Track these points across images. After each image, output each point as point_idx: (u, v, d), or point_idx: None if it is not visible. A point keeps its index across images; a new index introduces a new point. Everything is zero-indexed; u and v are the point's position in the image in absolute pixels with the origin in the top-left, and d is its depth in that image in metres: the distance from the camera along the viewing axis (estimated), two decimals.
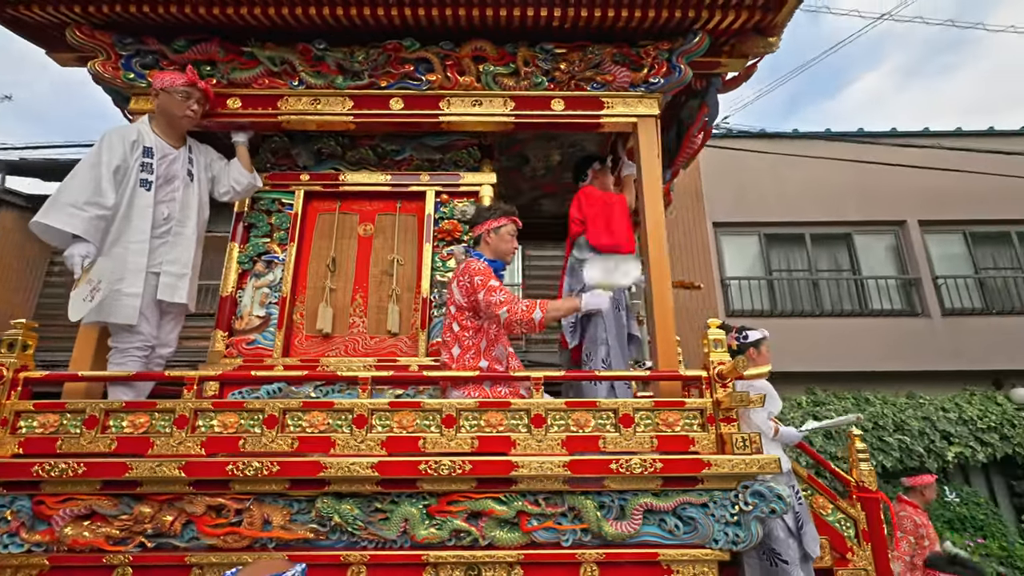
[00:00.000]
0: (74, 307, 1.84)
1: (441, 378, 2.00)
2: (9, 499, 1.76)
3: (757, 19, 2.30)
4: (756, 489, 1.75)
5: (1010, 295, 7.73)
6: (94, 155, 2.01)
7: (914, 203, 7.87)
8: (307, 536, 1.77)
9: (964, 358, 7.17)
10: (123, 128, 2.15)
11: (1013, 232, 8.00)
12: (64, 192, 1.92)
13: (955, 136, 8.11)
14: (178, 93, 2.16)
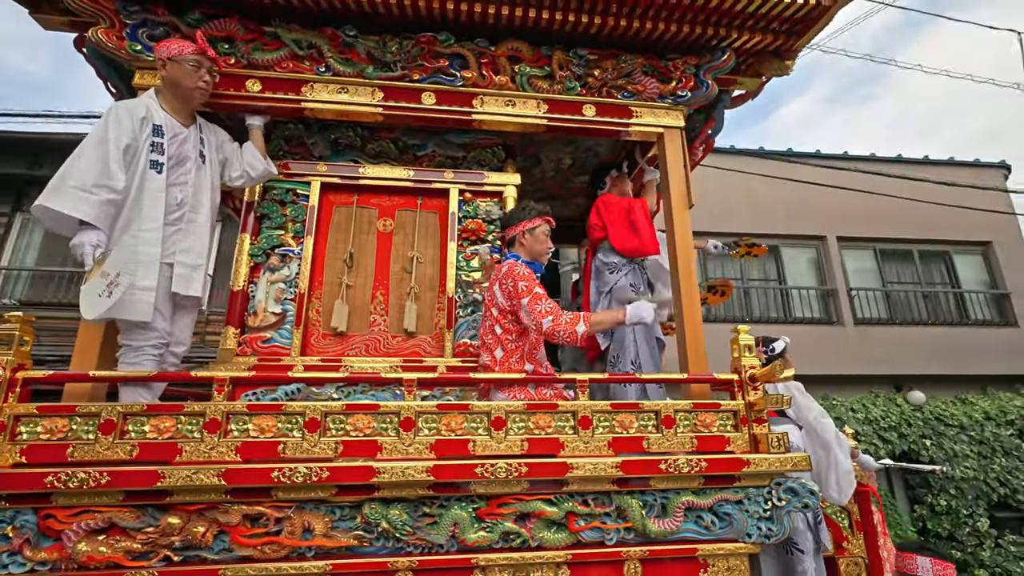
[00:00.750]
0: (89, 303, 1.66)
1: (488, 380, 1.98)
2: (11, 514, 1.57)
3: (779, 43, 2.44)
4: (789, 486, 1.87)
5: (911, 307, 8.70)
6: (100, 131, 1.80)
7: (834, 220, 8.63)
8: (350, 544, 1.70)
9: (871, 363, 7.95)
10: (131, 103, 1.95)
11: (915, 250, 8.98)
12: (70, 173, 1.72)
13: (869, 161, 8.99)
14: (188, 62, 1.99)
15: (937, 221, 8.68)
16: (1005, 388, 8.18)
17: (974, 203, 8.56)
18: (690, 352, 2.20)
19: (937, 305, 8.79)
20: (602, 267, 2.61)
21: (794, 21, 2.33)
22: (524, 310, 1.93)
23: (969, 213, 8.57)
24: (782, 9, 2.24)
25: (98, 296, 1.68)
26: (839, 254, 8.70)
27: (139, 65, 2.19)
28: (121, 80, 2.62)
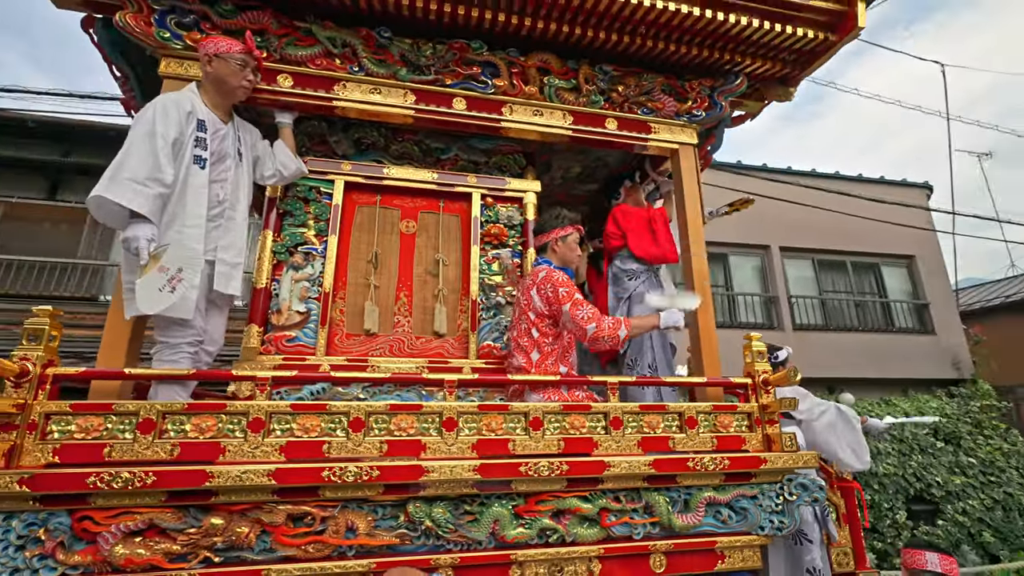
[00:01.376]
0: (148, 298, 1.61)
1: (526, 382, 2.05)
2: (44, 516, 1.51)
3: (787, 71, 2.63)
4: (800, 481, 2.03)
5: (844, 315, 9.41)
6: (147, 124, 1.76)
7: (777, 231, 9.21)
8: (392, 542, 1.73)
9: (808, 367, 8.55)
10: (176, 96, 1.90)
11: (849, 262, 9.72)
12: (124, 165, 1.67)
13: (810, 176, 9.66)
14: (235, 60, 1.96)
15: (869, 235, 9.41)
16: (923, 391, 8.94)
17: (901, 219, 9.32)
18: (705, 357, 2.34)
19: (867, 313, 9.54)
20: (620, 274, 2.72)
21: (802, 53, 2.52)
22: (566, 316, 2.01)
23: (896, 228, 9.33)
24: (792, 41, 2.42)
25: (158, 291, 1.64)
26: (781, 263, 9.29)
27: (165, 53, 2.12)
28: (129, 65, 2.52)
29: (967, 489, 7.25)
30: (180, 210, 1.79)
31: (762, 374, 2.15)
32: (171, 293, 1.65)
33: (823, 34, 2.40)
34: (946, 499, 7.28)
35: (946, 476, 7.40)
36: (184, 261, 1.70)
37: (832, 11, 2.34)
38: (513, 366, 2.17)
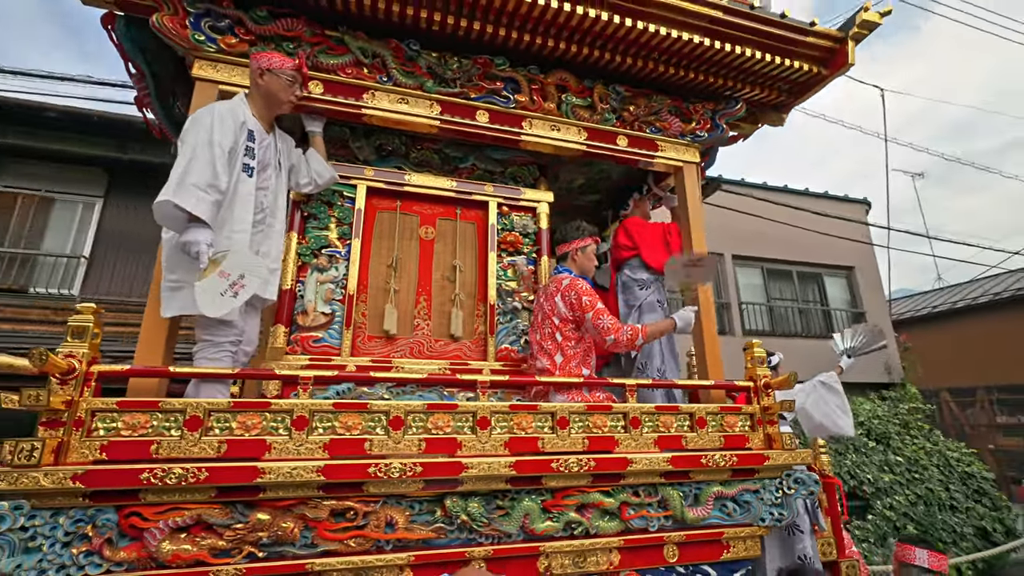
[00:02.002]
0: (211, 302, 1.65)
1: (552, 383, 2.16)
2: (92, 513, 1.52)
3: (781, 99, 2.85)
4: (797, 476, 2.22)
5: (789, 321, 10.02)
6: (205, 132, 1.79)
7: (731, 240, 9.68)
8: (428, 536, 1.80)
9: None
10: (231, 105, 1.94)
11: (794, 271, 10.32)
12: (190, 171, 1.72)
13: (762, 188, 10.22)
14: (286, 76, 2.03)
15: (813, 246, 10.02)
16: (859, 394, 9.56)
17: (842, 232, 9.96)
18: (709, 361, 2.52)
19: (810, 320, 10.16)
20: (631, 283, 2.87)
21: (796, 83, 2.75)
22: (589, 323, 2.13)
23: (838, 240, 9.95)
24: (789, 73, 2.64)
25: (220, 295, 1.67)
26: (733, 271, 9.80)
27: (198, 56, 2.14)
28: (146, 64, 2.52)
29: (894, 486, 7.74)
30: (229, 216, 1.83)
31: (763, 378, 2.33)
32: (234, 298, 1.69)
33: (817, 68, 2.63)
34: (876, 495, 7.75)
35: (876, 474, 7.88)
36: (246, 268, 1.74)
37: (826, 47, 2.57)
38: (537, 367, 2.28)
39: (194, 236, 1.68)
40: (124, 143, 6.02)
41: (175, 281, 1.78)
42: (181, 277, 1.78)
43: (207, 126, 1.79)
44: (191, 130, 1.81)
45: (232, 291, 1.69)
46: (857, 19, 2.50)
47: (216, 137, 1.79)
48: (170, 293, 1.78)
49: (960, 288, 15.11)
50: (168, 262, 1.80)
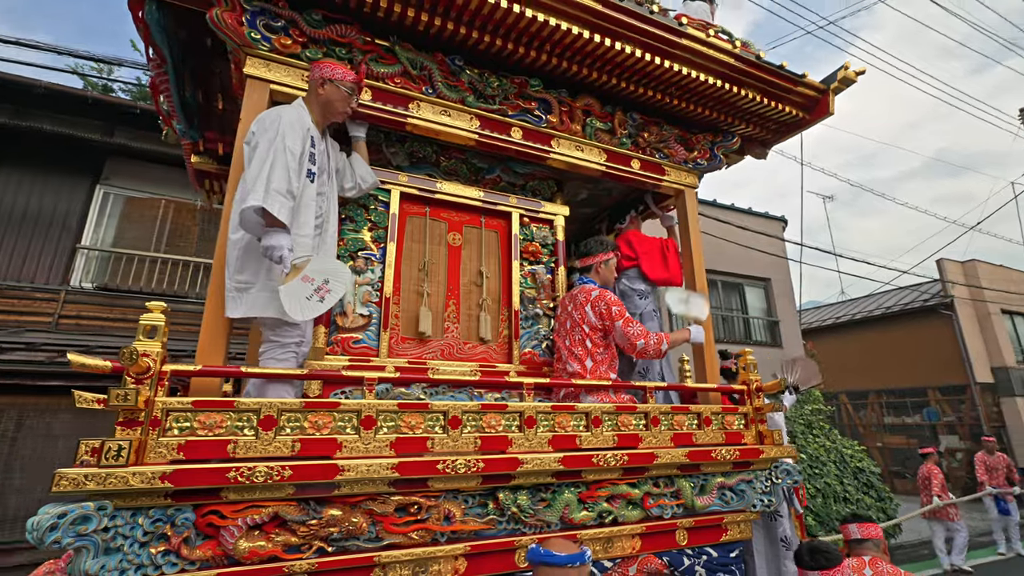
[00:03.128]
0: (298, 306, 1.68)
1: (584, 386, 2.34)
2: (171, 512, 1.52)
3: (767, 136, 3.23)
4: (784, 468, 2.56)
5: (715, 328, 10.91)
6: (280, 139, 1.80)
7: None
8: (482, 527, 1.94)
9: None
10: (297, 111, 1.96)
11: (719, 281, 11.23)
12: (272, 178, 1.73)
13: None
14: (346, 87, 2.06)
15: (736, 258, 10.96)
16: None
17: (761, 246, 10.98)
18: (707, 366, 2.82)
19: (732, 327, 11.16)
20: (630, 292, 3.13)
21: (783, 124, 3.13)
22: (618, 331, 2.35)
23: (757, 253, 10.93)
24: (780, 115, 3.01)
25: (306, 299, 1.69)
26: None
27: (251, 53, 2.12)
28: (169, 51, 2.45)
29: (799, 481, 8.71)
30: (295, 221, 1.86)
31: (755, 383, 2.67)
32: (320, 303, 1.73)
33: (802, 113, 3.02)
34: None
35: None
36: (330, 273, 1.78)
37: (812, 96, 2.96)
38: (568, 371, 2.46)
39: (277, 241, 1.71)
40: None
41: (243, 282, 1.79)
42: (249, 279, 1.79)
43: (280, 132, 1.81)
44: (262, 134, 1.82)
45: (318, 296, 1.73)
46: (838, 75, 2.91)
47: (289, 143, 1.81)
48: (237, 294, 1.79)
49: (860, 301, 16.96)
50: (238, 263, 1.81)
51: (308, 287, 1.74)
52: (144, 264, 6.17)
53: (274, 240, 1.71)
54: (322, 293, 1.76)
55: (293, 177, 1.80)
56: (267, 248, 1.71)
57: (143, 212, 6.41)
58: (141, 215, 6.39)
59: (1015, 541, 7.95)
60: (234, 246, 1.81)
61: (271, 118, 1.88)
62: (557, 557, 1.51)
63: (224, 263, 1.87)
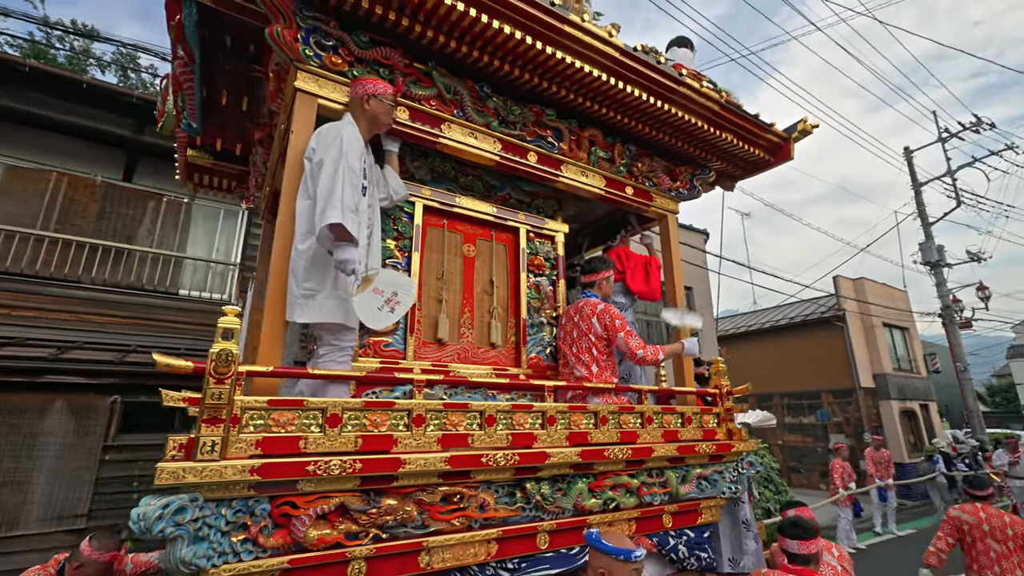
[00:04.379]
0: (372, 316, 1.82)
1: (593, 389, 2.63)
2: (251, 503, 1.63)
3: (737, 173, 3.71)
4: (749, 459, 3.00)
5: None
6: (343, 159, 1.93)
7: None
8: (510, 514, 2.18)
9: None
10: (352, 129, 2.08)
11: None
12: (344, 196, 1.85)
13: None
14: (388, 101, 2.22)
15: None
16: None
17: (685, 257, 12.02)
18: (686, 375, 3.22)
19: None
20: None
21: (750, 163, 3.61)
22: (620, 341, 2.67)
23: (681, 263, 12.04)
24: (749, 156, 3.48)
25: (378, 310, 1.83)
26: None
27: (302, 68, 2.22)
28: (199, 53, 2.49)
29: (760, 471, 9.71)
30: None
31: (725, 387, 3.09)
32: (391, 313, 1.88)
33: (767, 155, 3.51)
34: None
35: None
36: (399, 286, 1.93)
37: (776, 142, 3.46)
38: (575, 375, 2.75)
39: (350, 255, 1.84)
40: None
41: (309, 290, 1.91)
42: (315, 287, 1.92)
43: (344, 151, 1.94)
44: (324, 151, 1.94)
45: (388, 307, 1.89)
46: (798, 127, 3.43)
47: (353, 162, 1.95)
48: (302, 300, 1.90)
49: (769, 312, 18.65)
50: (305, 272, 1.92)
51: (379, 298, 1.89)
52: (27, 243, 5.42)
53: (347, 254, 1.85)
54: (392, 304, 1.92)
55: (357, 194, 1.94)
56: (341, 262, 1.84)
57: (28, 185, 5.65)
58: (25, 188, 5.64)
59: (891, 523, 9.31)
60: (301, 256, 1.92)
61: (331, 136, 2.01)
62: (605, 546, 1.79)
63: (286, 270, 1.97)
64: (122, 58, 14.74)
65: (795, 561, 2.37)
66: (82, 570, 2.48)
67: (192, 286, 6.34)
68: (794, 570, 2.27)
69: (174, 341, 5.70)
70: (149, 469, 4.90)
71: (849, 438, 13.96)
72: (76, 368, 4.70)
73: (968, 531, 3.56)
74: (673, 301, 3.38)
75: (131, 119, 6.05)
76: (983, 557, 3.47)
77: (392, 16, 2.25)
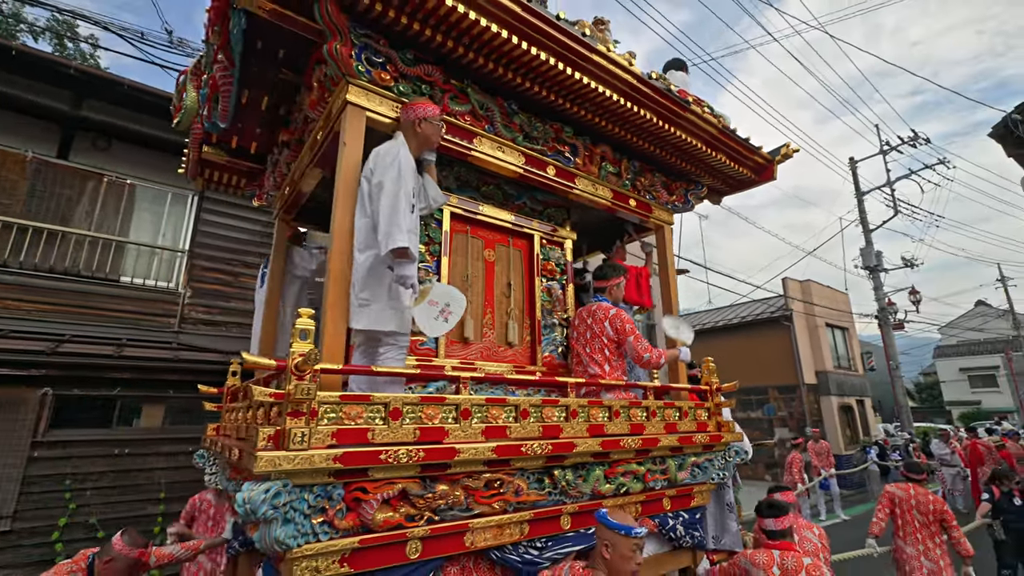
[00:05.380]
0: (429, 325, 2.01)
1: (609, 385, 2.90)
2: (329, 489, 1.79)
3: (725, 189, 4.07)
4: (735, 448, 3.36)
5: None
6: (403, 182, 2.10)
7: None
8: (539, 498, 2.41)
9: None
10: (405, 150, 2.24)
11: None
12: (404, 219, 2.02)
13: None
14: (436, 121, 2.39)
15: None
16: None
17: None
18: (680, 375, 3.55)
19: None
20: None
21: (737, 181, 3.97)
22: (629, 344, 2.94)
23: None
24: (737, 174, 3.84)
25: (434, 320, 2.01)
26: None
27: (353, 82, 2.35)
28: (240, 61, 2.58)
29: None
30: None
31: (715, 384, 3.44)
32: (445, 323, 2.06)
33: (752, 175, 3.88)
34: None
35: None
36: (451, 299, 2.11)
37: (761, 163, 3.83)
38: (588, 373, 3.00)
39: (410, 271, 2.02)
40: None
41: (364, 299, 2.07)
42: (370, 297, 2.08)
43: (402, 175, 2.12)
44: (384, 172, 2.10)
45: (443, 317, 2.08)
46: (781, 151, 3.81)
47: (410, 186, 2.13)
48: (359, 309, 2.06)
49: (724, 311, 19.61)
50: (361, 282, 2.08)
51: (434, 310, 2.08)
52: None
53: (407, 271, 2.03)
54: (446, 314, 2.11)
55: (414, 216, 2.12)
56: (401, 277, 2.02)
57: None
58: None
59: (838, 509, 10.18)
60: (359, 267, 2.08)
61: (390, 157, 2.17)
62: (611, 523, 2.05)
63: (344, 279, 2.12)
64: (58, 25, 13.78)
65: (773, 537, 2.72)
66: (112, 564, 2.54)
67: (135, 273, 5.94)
68: (774, 544, 2.62)
69: (115, 331, 5.44)
70: (83, 467, 4.76)
71: (792, 431, 14.98)
72: (1, 359, 4.39)
73: (899, 504, 4.34)
74: (669, 306, 3.70)
75: (68, 91, 5.53)
76: (908, 527, 4.25)
77: (439, 37, 2.41)
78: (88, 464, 4.82)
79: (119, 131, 5.93)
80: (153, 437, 5.24)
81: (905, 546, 4.23)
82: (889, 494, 4.39)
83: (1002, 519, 5.66)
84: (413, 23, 2.31)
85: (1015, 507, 5.64)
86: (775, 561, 2.44)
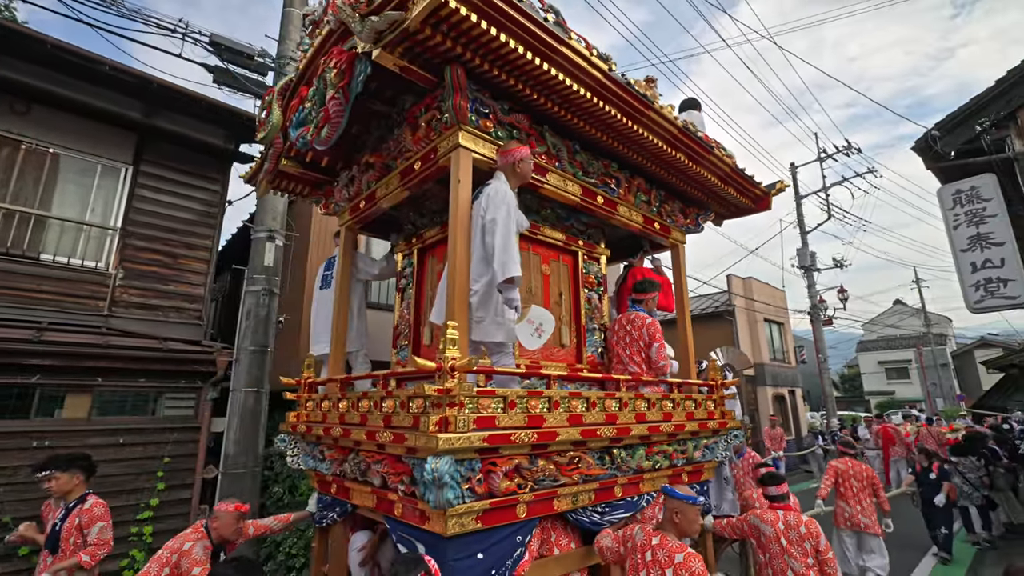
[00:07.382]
0: (527, 340, 2.53)
1: (637, 381, 3.52)
2: (473, 463, 2.31)
3: (729, 214, 4.77)
4: (735, 433, 4.09)
5: None
6: (511, 217, 2.59)
7: None
8: (600, 472, 3.01)
9: None
10: (508, 187, 2.73)
11: None
12: (514, 251, 2.53)
13: None
14: (530, 161, 2.90)
15: None
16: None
17: None
18: (690, 369, 4.24)
19: None
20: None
21: (739, 208, 4.68)
22: (653, 351, 3.58)
23: None
24: (739, 203, 4.54)
25: (530, 336, 2.53)
26: None
27: (464, 128, 2.81)
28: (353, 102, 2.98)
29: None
30: None
31: (720, 380, 4.15)
32: (538, 338, 2.59)
33: (752, 204, 4.59)
34: None
35: None
36: (543, 319, 2.65)
37: (759, 195, 4.54)
38: (628, 371, 3.62)
39: (516, 295, 2.54)
40: None
41: (479, 318, 2.59)
42: (482, 315, 2.60)
43: (511, 212, 2.62)
44: (496, 209, 2.58)
45: (537, 334, 2.61)
46: (776, 186, 4.54)
47: (518, 221, 2.65)
48: (475, 325, 2.59)
49: None
50: (476, 305, 2.59)
51: (531, 327, 2.62)
52: None
53: (514, 294, 2.55)
54: (539, 331, 2.65)
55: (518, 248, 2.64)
56: (510, 299, 2.54)
57: None
58: None
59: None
60: (475, 294, 2.59)
61: (500, 195, 2.66)
62: (678, 494, 2.66)
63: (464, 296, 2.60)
64: None
65: (775, 500, 3.46)
66: (217, 522, 2.94)
67: (59, 251, 5.39)
68: (779, 506, 3.35)
69: (33, 313, 4.98)
70: None
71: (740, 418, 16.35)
72: None
73: (840, 473, 5.41)
74: (682, 312, 4.38)
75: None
76: (847, 491, 5.38)
77: (534, 95, 2.90)
78: (1, 458, 4.51)
79: (40, 94, 5.28)
80: (78, 429, 4.89)
81: (846, 506, 5.33)
82: (833, 467, 5.51)
83: (920, 489, 6.88)
84: (518, 84, 2.80)
85: (930, 480, 6.86)
86: (780, 518, 3.17)
